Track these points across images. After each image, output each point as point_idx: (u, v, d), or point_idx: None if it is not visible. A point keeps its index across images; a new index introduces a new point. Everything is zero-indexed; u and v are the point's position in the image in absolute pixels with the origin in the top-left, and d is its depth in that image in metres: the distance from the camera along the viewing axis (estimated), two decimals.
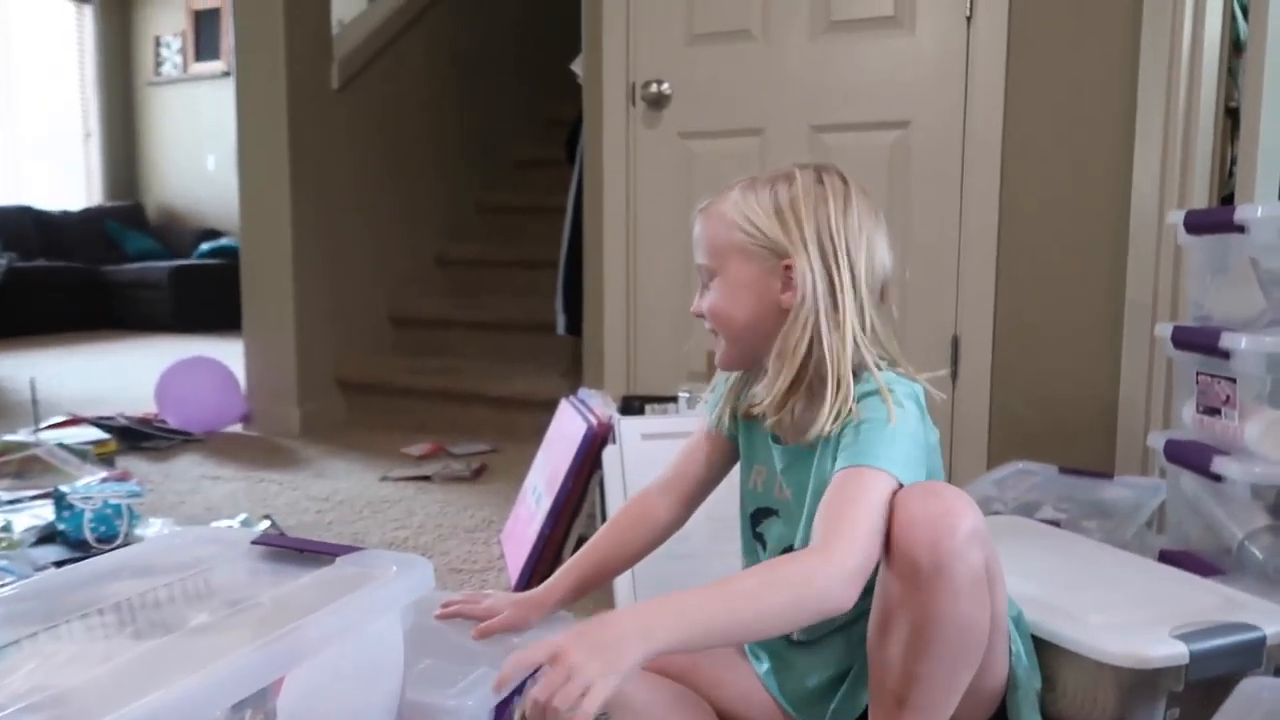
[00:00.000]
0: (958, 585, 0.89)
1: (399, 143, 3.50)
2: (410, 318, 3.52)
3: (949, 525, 0.89)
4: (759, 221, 1.04)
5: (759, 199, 1.04)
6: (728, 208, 1.05)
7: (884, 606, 0.92)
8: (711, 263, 1.07)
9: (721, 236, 1.05)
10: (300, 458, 2.76)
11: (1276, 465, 1.30)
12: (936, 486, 0.93)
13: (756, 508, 1.15)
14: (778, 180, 1.05)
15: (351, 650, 0.73)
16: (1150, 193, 1.98)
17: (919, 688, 0.92)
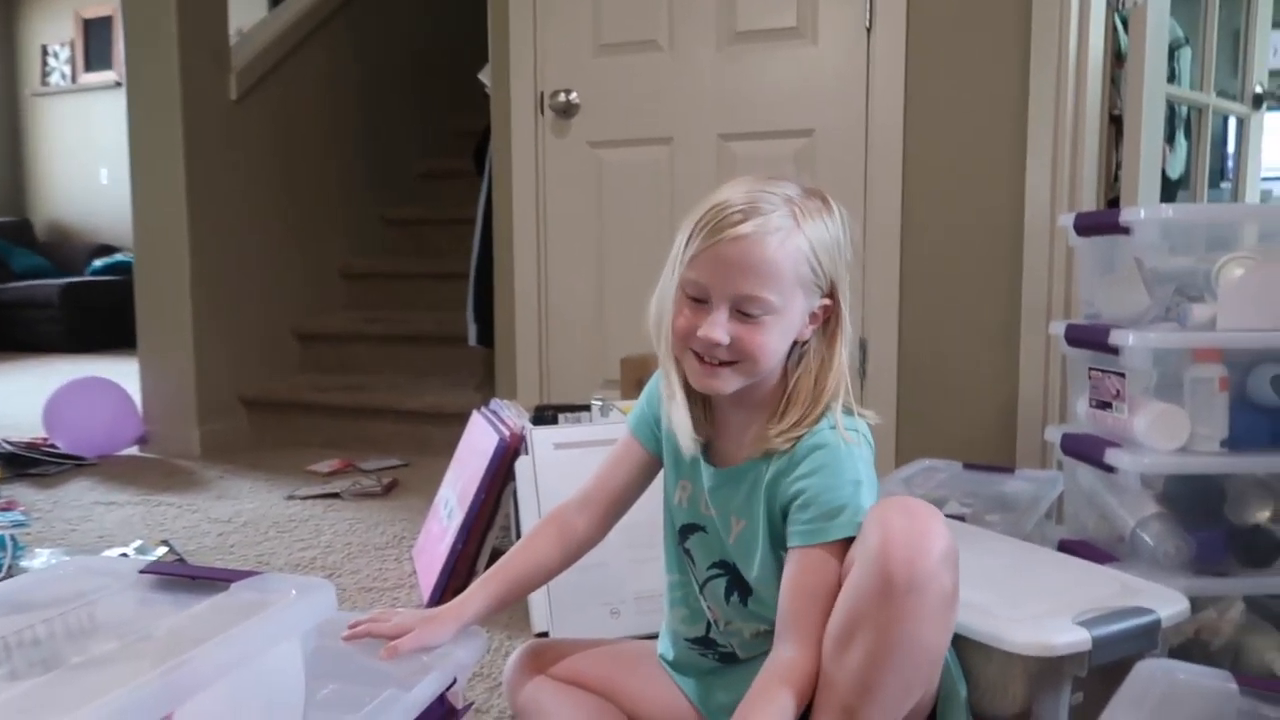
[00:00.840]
0: (928, 606, 0.90)
1: (300, 155, 3.40)
2: (315, 333, 3.42)
3: (926, 546, 0.90)
4: (824, 258, 1.00)
5: (817, 230, 1.00)
6: (799, 237, 0.98)
7: (849, 616, 0.92)
8: (770, 295, 0.97)
9: (789, 269, 0.98)
10: (201, 479, 2.66)
11: (1164, 455, 1.36)
12: (914, 505, 0.93)
13: (684, 523, 1.14)
14: (816, 205, 1.01)
15: (247, 680, 0.70)
16: (1042, 197, 2.05)
17: (872, 701, 0.92)
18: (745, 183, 1.01)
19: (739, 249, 0.96)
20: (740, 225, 0.96)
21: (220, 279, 3.05)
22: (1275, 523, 1.38)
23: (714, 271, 0.98)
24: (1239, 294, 1.35)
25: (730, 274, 0.97)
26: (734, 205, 0.97)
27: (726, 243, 0.96)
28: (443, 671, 1.05)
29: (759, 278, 0.97)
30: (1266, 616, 1.39)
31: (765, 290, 0.97)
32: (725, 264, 0.97)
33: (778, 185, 1.00)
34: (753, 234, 0.96)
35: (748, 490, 1.05)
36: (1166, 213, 1.41)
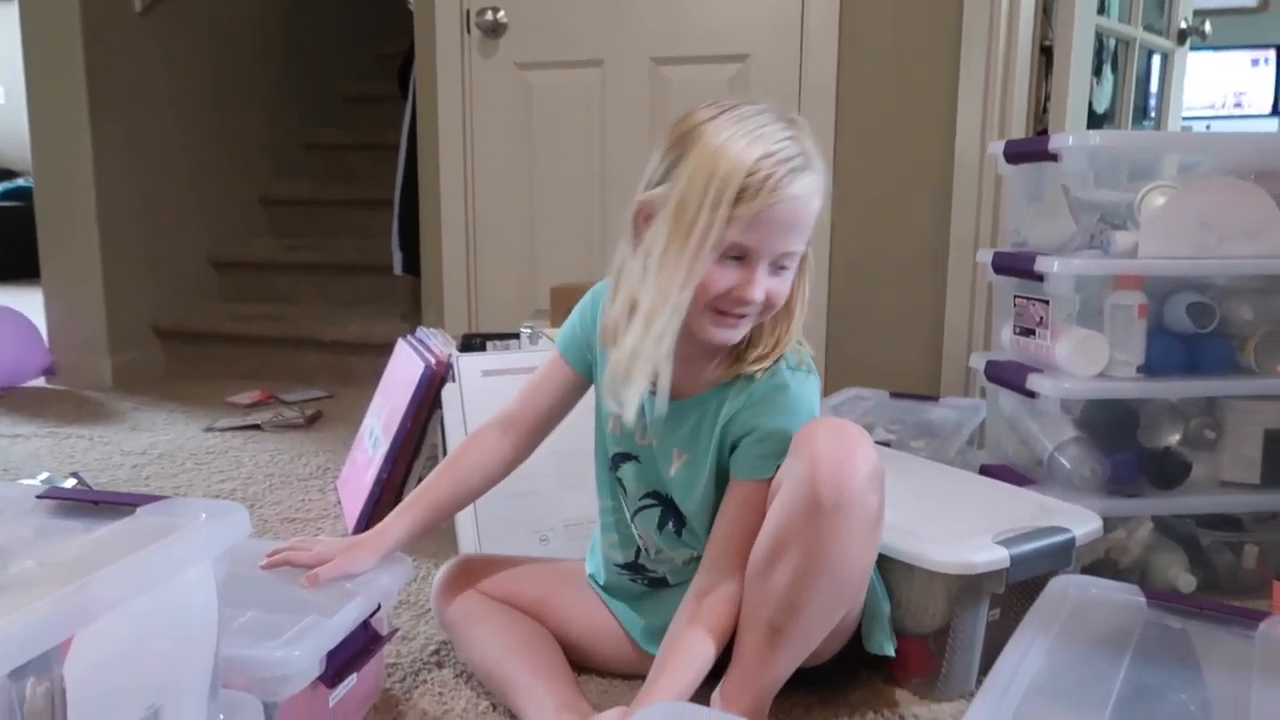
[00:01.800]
0: (854, 525, 0.91)
1: (216, 75, 3.23)
2: (234, 261, 3.30)
3: (853, 465, 0.90)
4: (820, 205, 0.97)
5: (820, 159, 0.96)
6: (821, 185, 0.95)
7: (776, 536, 0.93)
8: (803, 244, 0.96)
9: (816, 215, 0.95)
10: (113, 411, 2.56)
11: (1083, 381, 1.39)
12: (844, 426, 0.94)
13: (616, 452, 1.12)
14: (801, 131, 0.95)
15: (154, 605, 0.67)
16: (974, 128, 2.06)
17: (797, 618, 0.93)
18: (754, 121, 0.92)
19: (795, 208, 0.92)
20: (792, 187, 0.91)
21: (129, 204, 2.90)
22: (1185, 445, 1.43)
23: (766, 232, 0.92)
24: (1160, 222, 1.37)
25: (781, 234, 0.92)
26: (778, 159, 0.90)
27: (785, 202, 0.90)
28: (366, 598, 1.03)
29: (801, 235, 0.94)
30: (1172, 536, 1.45)
31: (803, 243, 0.96)
32: (778, 224, 0.92)
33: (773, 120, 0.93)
34: (804, 194, 0.92)
35: (695, 423, 1.04)
36: (1094, 139, 1.43)
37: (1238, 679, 0.89)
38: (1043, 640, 0.92)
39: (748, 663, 0.95)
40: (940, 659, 1.13)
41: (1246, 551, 1.44)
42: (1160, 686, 0.87)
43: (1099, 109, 2.31)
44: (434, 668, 1.19)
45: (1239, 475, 1.44)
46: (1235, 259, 1.38)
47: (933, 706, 1.12)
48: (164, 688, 0.70)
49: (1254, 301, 1.42)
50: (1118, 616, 1.00)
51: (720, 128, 0.92)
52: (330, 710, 0.99)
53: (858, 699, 1.13)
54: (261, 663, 0.87)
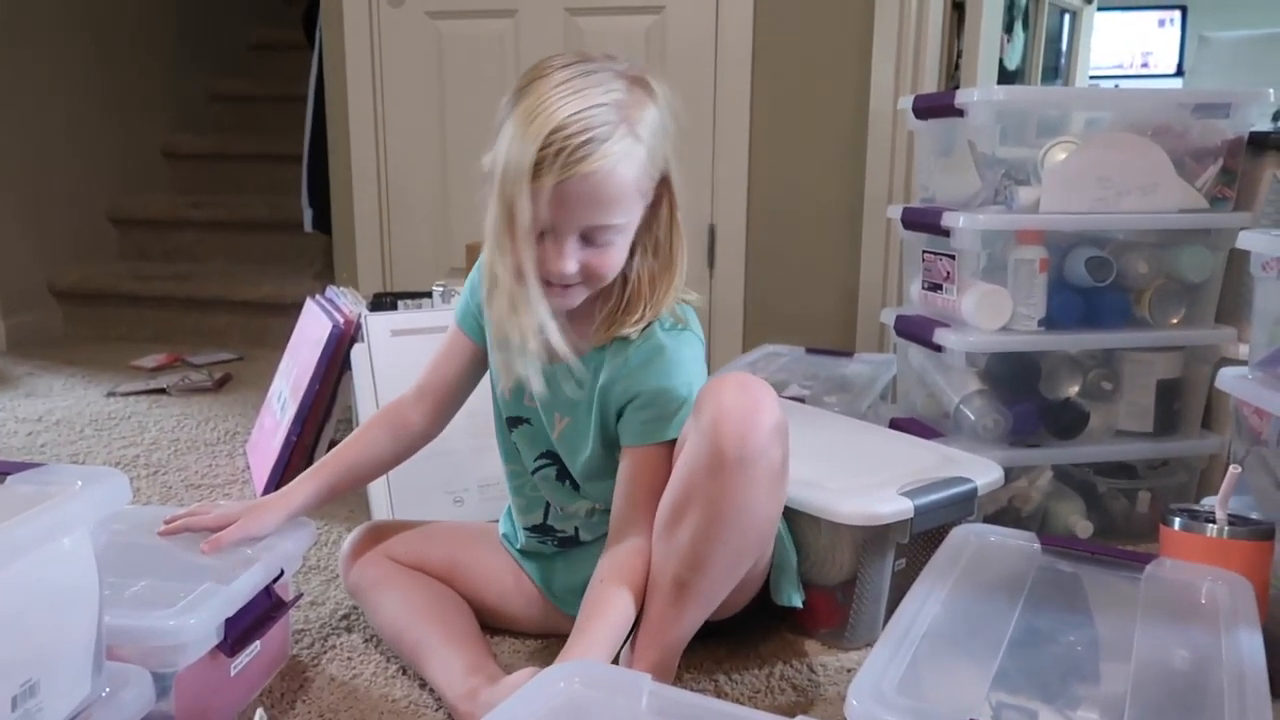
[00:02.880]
0: (758, 478, 0.91)
1: (110, 17, 3.06)
2: (135, 218, 3.16)
3: (756, 419, 0.90)
4: (657, 156, 0.95)
5: (650, 130, 0.93)
6: (639, 153, 0.91)
7: (681, 492, 0.93)
8: (618, 220, 0.93)
9: (632, 188, 0.92)
10: (6, 376, 2.44)
11: (986, 334, 1.42)
12: (747, 380, 0.94)
13: (509, 415, 1.12)
14: (642, 97, 0.93)
15: (25, 576, 0.64)
16: (887, 84, 2.06)
17: (702, 573, 0.94)
18: (570, 86, 0.89)
19: (587, 186, 0.89)
20: (585, 161, 0.87)
21: (16, 158, 2.74)
22: (1083, 396, 1.48)
23: (559, 208, 0.90)
24: (1060, 178, 1.40)
25: (577, 209, 0.91)
26: (571, 132, 0.87)
27: (573, 181, 0.88)
28: (268, 563, 1.01)
29: (608, 208, 0.92)
30: (1071, 484, 1.50)
31: (614, 217, 0.93)
32: (571, 200, 0.90)
33: (603, 81, 0.91)
34: (600, 169, 0.88)
35: (574, 385, 1.03)
36: (999, 95, 1.44)
37: (1124, 618, 0.93)
38: (941, 588, 0.95)
39: (655, 619, 0.95)
40: (848, 609, 1.16)
41: (1140, 497, 1.50)
42: (1051, 629, 0.91)
43: (1010, 66, 2.34)
44: (343, 633, 1.18)
45: (1134, 424, 1.49)
46: (1131, 214, 1.42)
47: (841, 656, 1.15)
48: (40, 661, 0.67)
49: (1149, 255, 1.46)
50: (1014, 563, 1.03)
51: (540, 88, 0.90)
52: (231, 679, 0.97)
53: (767, 651, 1.15)
54: (153, 632, 0.85)
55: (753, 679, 1.09)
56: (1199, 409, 1.51)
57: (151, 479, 1.72)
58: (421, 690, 1.05)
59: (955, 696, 0.82)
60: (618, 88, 0.91)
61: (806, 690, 1.07)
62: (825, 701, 1.05)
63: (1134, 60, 4.52)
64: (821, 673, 1.11)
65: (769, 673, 1.10)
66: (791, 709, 1.03)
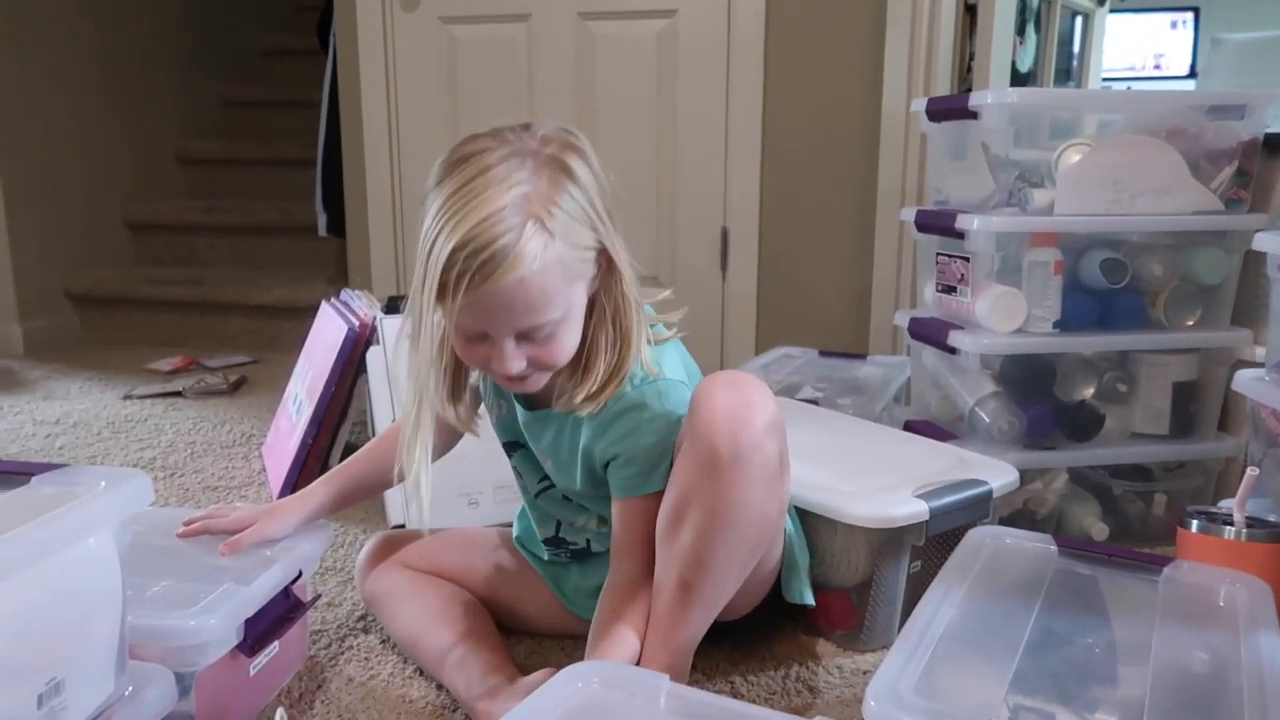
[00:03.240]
0: (753, 475, 0.90)
1: (125, 25, 3.09)
2: (150, 223, 3.18)
3: (748, 417, 0.90)
4: (584, 233, 0.88)
5: (569, 213, 0.85)
6: (556, 250, 0.84)
7: (679, 495, 0.93)
8: (553, 315, 0.88)
9: (559, 281, 0.86)
10: (25, 379, 2.46)
11: (1001, 337, 1.42)
12: (738, 378, 0.93)
13: (505, 440, 1.12)
14: (555, 173, 0.86)
15: (50, 577, 0.65)
16: (899, 86, 2.06)
17: (706, 573, 0.93)
18: (469, 191, 0.83)
19: (503, 298, 0.84)
20: (493, 277, 0.82)
21: (33, 164, 2.77)
22: (1098, 398, 1.47)
23: (485, 318, 0.87)
24: (1075, 179, 1.39)
25: (501, 317, 0.87)
26: (472, 249, 0.81)
27: (486, 296, 0.84)
28: (286, 565, 1.02)
29: (534, 310, 0.86)
30: (1086, 486, 1.50)
31: (545, 315, 0.87)
32: (491, 311, 0.86)
33: (506, 174, 0.84)
34: (511, 279, 0.83)
35: (554, 436, 1.03)
36: (1012, 97, 1.44)
37: (1141, 621, 0.92)
38: (957, 590, 0.94)
39: (663, 621, 0.95)
40: (863, 611, 1.16)
41: (1156, 500, 1.50)
42: (1068, 631, 0.90)
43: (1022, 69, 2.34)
44: (360, 634, 1.18)
45: (1149, 427, 1.49)
46: (1146, 215, 1.42)
47: (856, 658, 1.15)
48: (65, 660, 0.68)
49: (1164, 258, 1.46)
50: (1030, 565, 1.03)
51: (439, 196, 0.84)
52: (251, 679, 0.97)
53: (782, 652, 1.15)
54: (175, 632, 0.86)
55: (768, 680, 1.09)
56: (1215, 411, 1.51)
57: (169, 481, 1.73)
58: (439, 691, 1.05)
59: (973, 699, 0.82)
60: (522, 178, 0.84)
61: (822, 692, 1.07)
62: (841, 703, 1.05)
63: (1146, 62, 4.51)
64: (837, 674, 1.11)
65: (784, 674, 1.10)
66: (807, 710, 1.03)
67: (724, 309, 2.25)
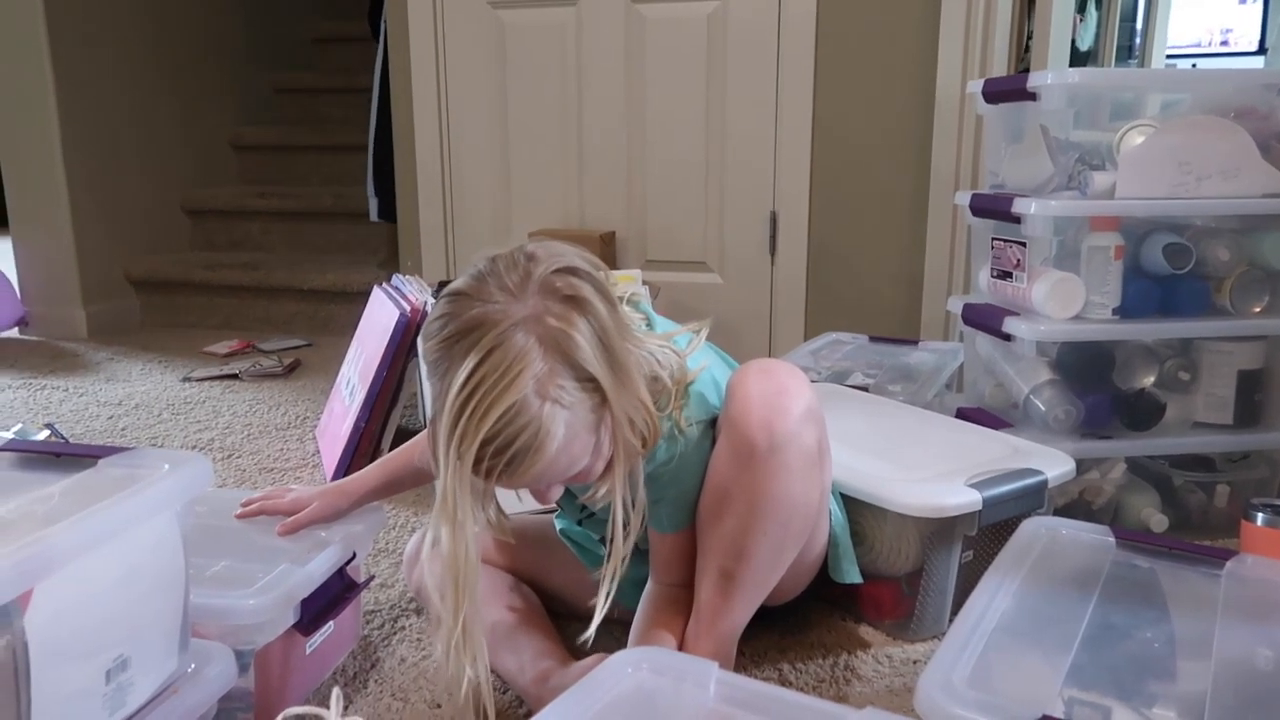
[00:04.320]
0: (791, 464, 0.90)
1: (180, 15, 3.14)
2: (206, 208, 3.24)
3: (784, 405, 0.89)
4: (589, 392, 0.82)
5: (571, 378, 0.81)
6: (568, 418, 0.81)
7: (718, 485, 0.93)
8: (580, 467, 0.85)
9: (579, 446, 0.83)
10: (88, 362, 2.53)
11: (1059, 323, 1.38)
12: (771, 365, 0.93)
13: None
14: (558, 344, 0.80)
15: (116, 557, 0.66)
16: (954, 67, 2.02)
17: (748, 562, 0.93)
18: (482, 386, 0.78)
19: (536, 474, 0.82)
20: (522, 469, 0.81)
21: (97, 151, 2.84)
22: (1159, 387, 1.44)
23: (524, 485, 0.86)
24: (1137, 162, 1.36)
25: (541, 482, 0.86)
26: (497, 447, 0.79)
27: (521, 478, 0.83)
28: (341, 546, 1.03)
29: (569, 470, 0.85)
30: (1145, 476, 1.46)
31: (579, 467, 0.85)
32: (532, 482, 0.85)
33: (511, 356, 0.78)
34: (542, 463, 0.81)
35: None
36: (1073, 77, 1.40)
37: (1203, 616, 0.90)
38: (1012, 581, 0.93)
39: (705, 610, 0.96)
40: (913, 601, 1.15)
41: (1218, 491, 1.46)
42: (1126, 625, 0.88)
43: (1082, 47, 2.28)
44: (412, 615, 1.20)
45: (1212, 416, 1.45)
46: (1212, 199, 1.38)
47: (906, 647, 1.14)
48: (131, 638, 0.70)
49: (1230, 242, 1.41)
50: (1087, 557, 1.01)
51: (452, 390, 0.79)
52: (307, 657, 0.99)
53: (832, 641, 1.14)
54: (235, 611, 0.87)
55: (817, 669, 1.08)
56: None
57: (226, 462, 1.77)
58: (490, 673, 1.06)
59: (1027, 691, 0.81)
60: (533, 358, 0.79)
61: (872, 681, 1.07)
62: (891, 693, 1.04)
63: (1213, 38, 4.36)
64: (886, 664, 1.10)
65: (833, 663, 1.10)
66: (857, 699, 1.02)
67: (773, 294, 2.23)
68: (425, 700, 1.02)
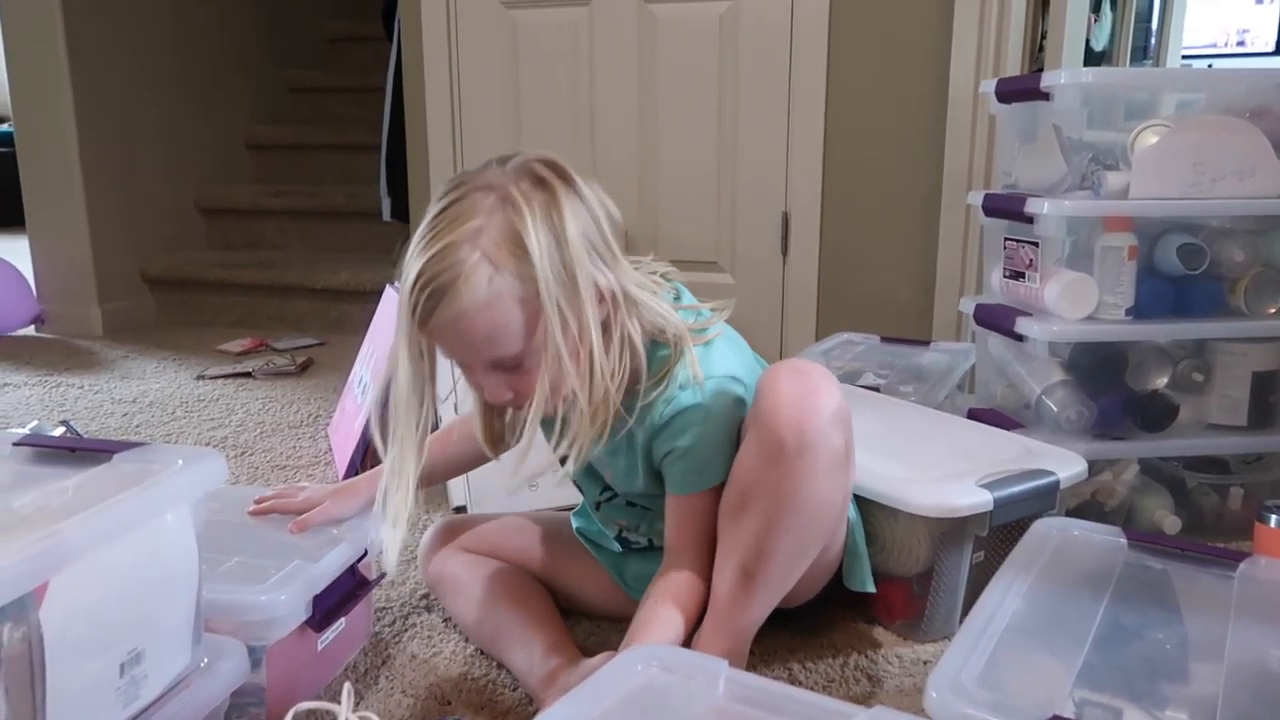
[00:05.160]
0: (819, 465, 0.90)
1: (195, 15, 3.16)
2: (221, 207, 3.26)
3: (814, 406, 0.90)
4: (557, 273, 0.87)
5: (528, 246, 0.85)
6: (506, 285, 0.85)
7: (743, 482, 0.93)
8: (513, 349, 0.88)
9: (514, 321, 0.87)
10: (103, 360, 2.55)
11: (1071, 324, 1.38)
12: (803, 366, 0.93)
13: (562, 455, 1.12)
14: (518, 207, 0.86)
15: (131, 551, 0.67)
16: (967, 67, 2.02)
17: (769, 561, 0.93)
18: (430, 231, 0.87)
19: (453, 331, 0.87)
20: (437, 311, 0.86)
21: (113, 150, 2.86)
22: (1172, 388, 1.43)
23: (450, 349, 0.91)
24: (1151, 162, 1.35)
25: (464, 349, 0.90)
26: (421, 284, 0.86)
27: (437, 332, 0.88)
28: (352, 543, 1.04)
29: (488, 344, 0.88)
30: (1158, 478, 1.46)
31: (502, 349, 0.89)
32: (453, 343, 0.90)
33: (463, 212, 0.86)
34: (453, 314, 0.85)
35: (611, 449, 1.02)
36: (1086, 77, 1.40)
37: (1215, 618, 0.90)
38: (1022, 582, 0.93)
39: (723, 607, 0.96)
40: (924, 601, 1.14)
41: (1232, 493, 1.45)
42: (1138, 626, 0.88)
43: (1097, 47, 2.27)
44: (423, 612, 1.21)
45: (1226, 418, 1.44)
46: (1227, 199, 1.37)
47: (916, 648, 1.13)
48: (145, 631, 0.70)
49: (1245, 243, 1.41)
50: (1098, 557, 1.00)
51: (416, 238, 0.89)
52: (318, 654, 1.00)
53: (841, 640, 1.14)
54: (247, 607, 0.88)
55: (826, 668, 1.08)
56: None
57: (239, 459, 1.78)
58: (500, 670, 1.07)
59: (1037, 692, 0.80)
60: (481, 212, 0.86)
61: (882, 681, 1.07)
62: (901, 693, 1.04)
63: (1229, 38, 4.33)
64: (897, 664, 1.10)
65: (843, 662, 1.10)
66: (866, 699, 1.02)
67: (784, 294, 2.23)
68: (436, 697, 1.02)
